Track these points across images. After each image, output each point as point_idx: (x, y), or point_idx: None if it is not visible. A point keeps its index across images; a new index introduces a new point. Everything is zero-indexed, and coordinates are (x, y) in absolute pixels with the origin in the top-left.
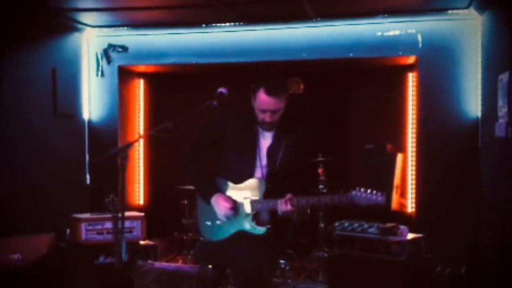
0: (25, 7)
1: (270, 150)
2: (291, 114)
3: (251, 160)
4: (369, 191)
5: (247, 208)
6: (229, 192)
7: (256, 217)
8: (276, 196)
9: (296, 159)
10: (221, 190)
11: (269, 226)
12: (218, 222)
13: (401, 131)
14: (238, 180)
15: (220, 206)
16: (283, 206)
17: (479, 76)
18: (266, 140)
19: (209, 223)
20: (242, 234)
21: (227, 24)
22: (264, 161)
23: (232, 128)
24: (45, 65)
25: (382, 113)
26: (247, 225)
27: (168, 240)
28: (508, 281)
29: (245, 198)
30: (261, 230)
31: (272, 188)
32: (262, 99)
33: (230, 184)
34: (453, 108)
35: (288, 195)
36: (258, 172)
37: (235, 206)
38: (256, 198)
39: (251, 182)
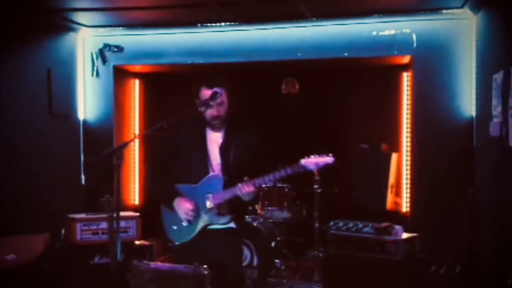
0: (20, 7)
1: (222, 148)
2: (237, 115)
3: (204, 162)
4: (316, 155)
5: (208, 203)
6: (190, 193)
7: (218, 209)
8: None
9: (248, 158)
10: (182, 194)
11: (231, 214)
12: (183, 223)
13: (395, 131)
14: (198, 180)
15: (181, 207)
16: (245, 188)
17: (474, 75)
18: (216, 140)
19: (175, 227)
20: (208, 229)
21: (223, 24)
22: (217, 160)
23: (183, 136)
24: (41, 65)
25: (377, 113)
26: (211, 219)
27: (163, 240)
28: (503, 280)
29: (205, 194)
30: (225, 219)
31: (229, 180)
32: (206, 94)
33: (190, 186)
34: (447, 107)
35: (245, 178)
36: (215, 170)
37: (196, 206)
38: (216, 191)
39: (208, 178)
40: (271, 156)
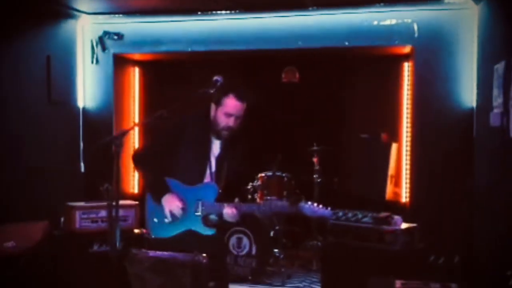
0: None
1: (218, 159)
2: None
3: (203, 166)
4: (315, 204)
5: (198, 210)
6: (180, 192)
7: (204, 219)
8: (226, 201)
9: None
10: (173, 190)
11: (216, 227)
12: (166, 220)
13: (396, 121)
14: (190, 182)
15: (170, 204)
16: (227, 209)
17: (475, 65)
18: (216, 149)
19: (156, 220)
20: (191, 233)
21: (223, 12)
22: (213, 168)
23: (188, 132)
24: (40, 53)
25: (377, 103)
26: (197, 225)
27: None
28: (501, 271)
29: (197, 200)
30: (209, 231)
31: (223, 194)
32: (231, 104)
33: (183, 185)
34: (448, 97)
35: (236, 199)
36: (208, 177)
37: (185, 207)
38: (208, 201)
39: (205, 185)
40: (271, 146)
